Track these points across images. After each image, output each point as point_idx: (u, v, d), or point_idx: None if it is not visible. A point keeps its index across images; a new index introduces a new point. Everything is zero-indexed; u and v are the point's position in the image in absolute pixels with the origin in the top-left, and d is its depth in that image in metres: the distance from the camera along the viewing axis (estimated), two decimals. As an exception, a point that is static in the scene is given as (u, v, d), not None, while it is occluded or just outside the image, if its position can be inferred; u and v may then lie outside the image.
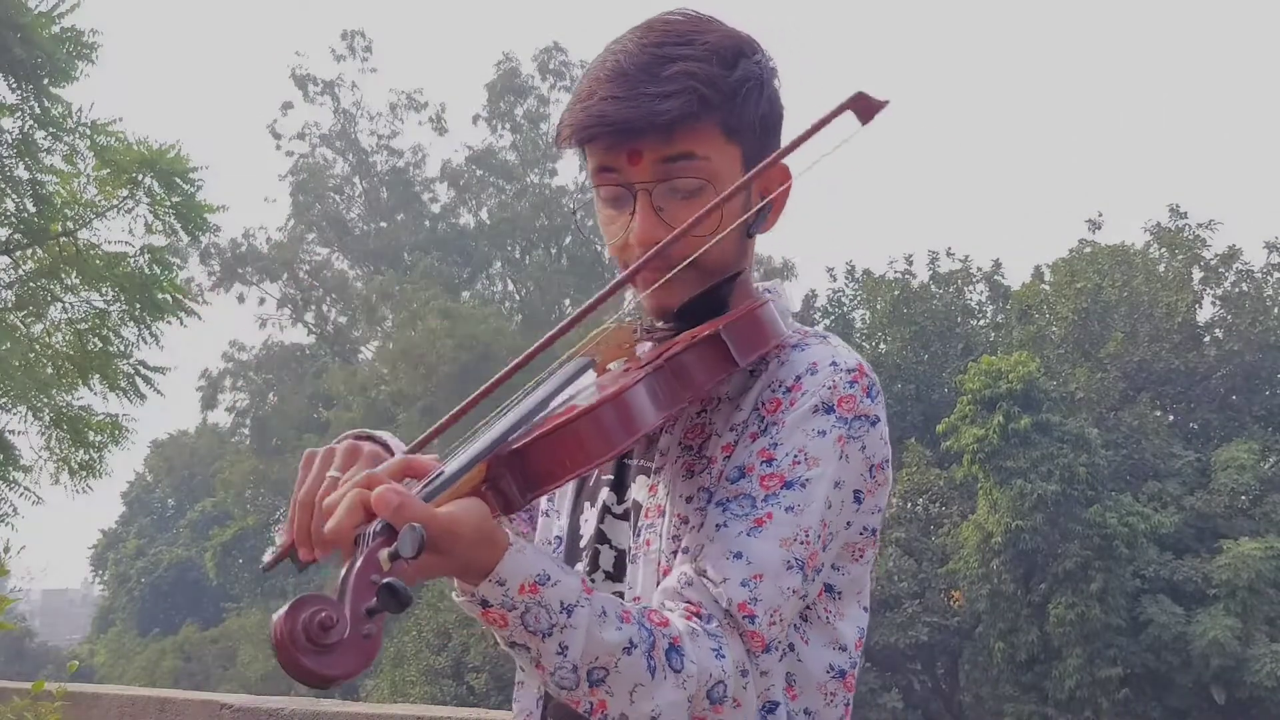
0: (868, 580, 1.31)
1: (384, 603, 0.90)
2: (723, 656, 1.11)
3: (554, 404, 1.17)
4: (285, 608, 0.89)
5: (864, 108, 1.12)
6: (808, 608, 1.25)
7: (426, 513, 1.00)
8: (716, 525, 1.19)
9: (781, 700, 1.22)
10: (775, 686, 1.22)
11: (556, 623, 1.05)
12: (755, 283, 1.39)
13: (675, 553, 1.24)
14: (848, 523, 1.24)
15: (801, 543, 1.17)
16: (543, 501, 1.49)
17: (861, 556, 1.28)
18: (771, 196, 1.30)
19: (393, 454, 1.21)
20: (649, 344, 1.29)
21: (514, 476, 1.09)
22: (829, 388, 1.22)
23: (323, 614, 0.88)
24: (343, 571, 0.94)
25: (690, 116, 1.21)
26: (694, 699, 1.10)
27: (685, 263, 1.21)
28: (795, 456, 1.20)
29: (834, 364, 1.23)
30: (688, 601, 1.16)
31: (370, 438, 1.29)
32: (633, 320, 1.32)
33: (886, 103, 1.13)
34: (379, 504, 0.99)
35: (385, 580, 0.90)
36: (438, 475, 1.08)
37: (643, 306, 1.32)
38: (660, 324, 1.32)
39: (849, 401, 1.22)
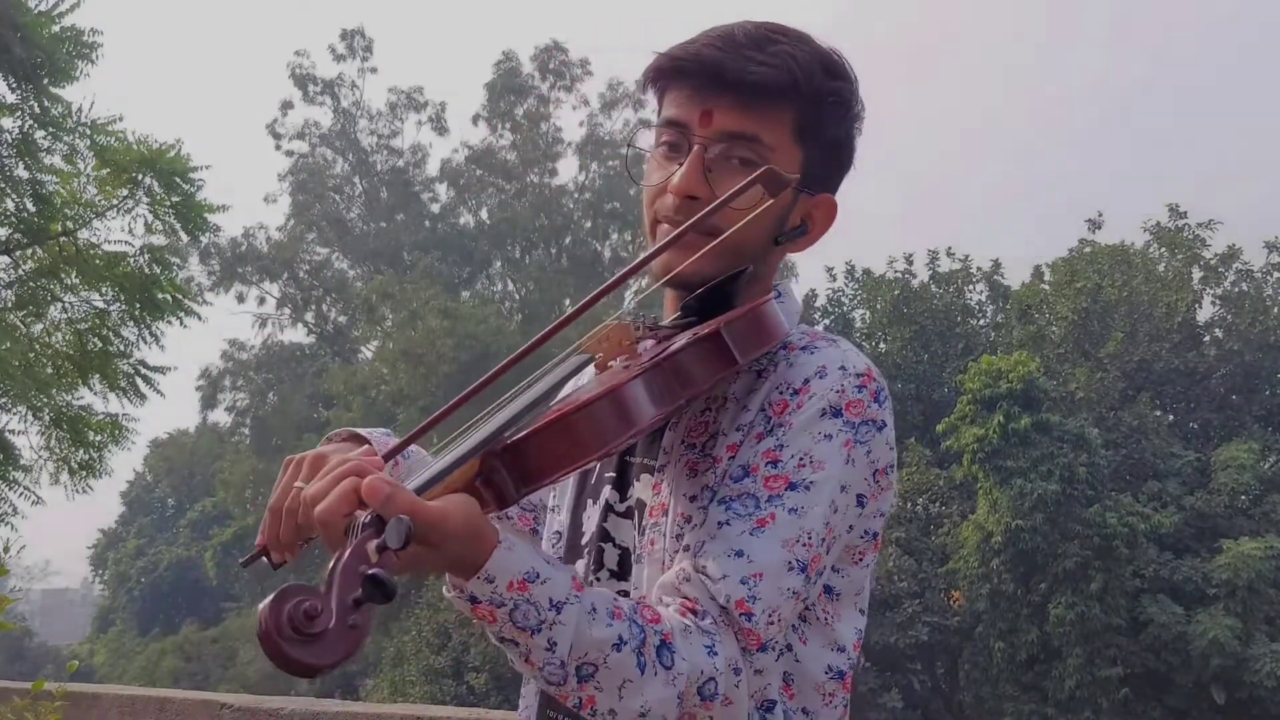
0: (867, 584, 1.32)
1: (369, 594, 0.90)
2: (715, 654, 1.12)
3: (553, 399, 1.18)
4: (270, 598, 0.89)
5: (772, 181, 1.19)
6: (807, 609, 1.25)
7: (415, 505, 1.01)
8: (718, 523, 1.19)
9: (778, 699, 1.23)
10: (772, 685, 1.22)
11: (545, 619, 1.06)
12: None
13: (679, 552, 1.24)
14: (850, 526, 1.24)
15: (804, 545, 1.17)
16: (549, 497, 1.50)
17: (862, 560, 1.28)
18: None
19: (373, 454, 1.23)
20: (650, 342, 1.29)
21: (508, 471, 1.09)
22: (837, 391, 1.22)
23: (307, 604, 0.89)
24: (331, 562, 0.95)
25: (775, 92, 1.24)
26: (684, 696, 1.10)
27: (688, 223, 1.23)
28: (801, 459, 1.20)
29: (843, 368, 1.24)
30: (684, 597, 1.16)
31: (357, 437, 1.33)
32: (635, 319, 1.32)
33: (794, 180, 1.22)
34: (369, 492, 1.01)
35: (370, 571, 0.91)
36: (429, 468, 1.09)
37: (652, 271, 1.32)
38: (664, 322, 1.33)
39: (857, 406, 1.22)
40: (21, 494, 9.13)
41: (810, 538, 1.18)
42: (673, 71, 1.29)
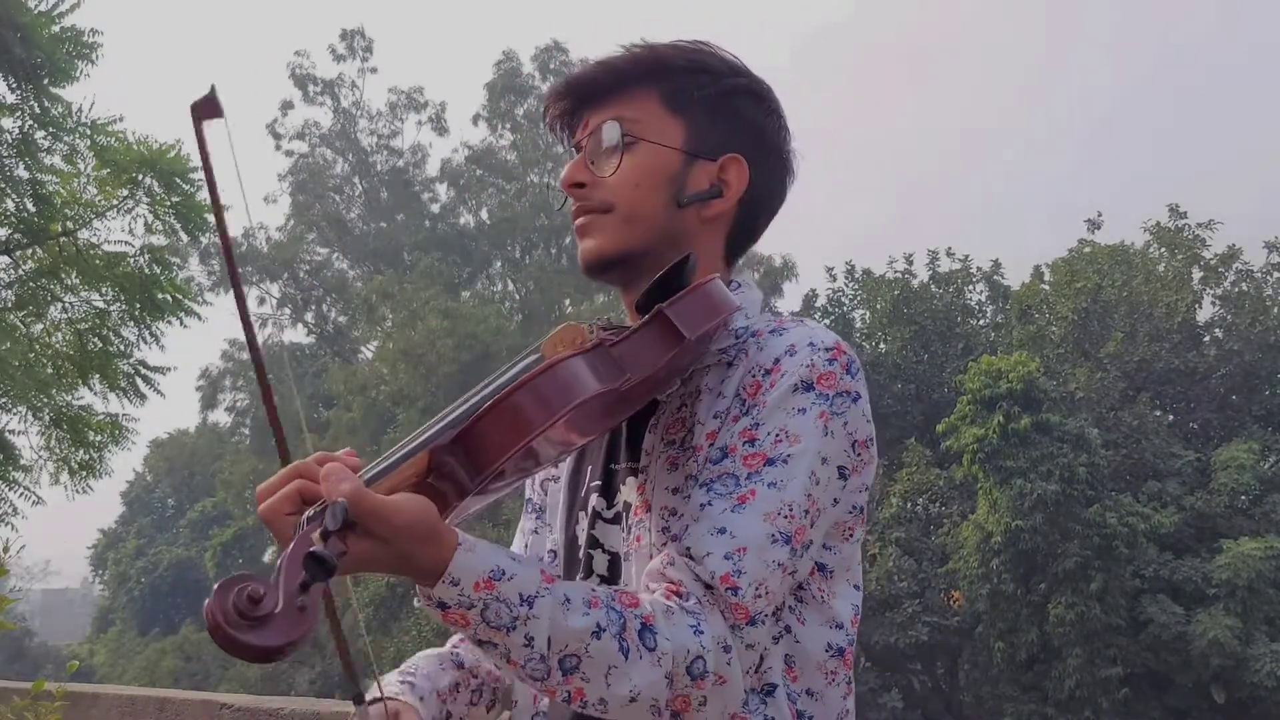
0: (858, 558, 1.33)
1: (312, 572, 0.92)
2: (701, 632, 1.11)
3: None
4: (214, 589, 0.91)
5: (205, 111, 1.22)
6: (801, 588, 1.25)
7: (357, 489, 1.01)
8: (700, 505, 1.20)
9: (780, 682, 1.22)
10: (773, 669, 1.22)
11: (519, 615, 1.05)
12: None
13: (665, 545, 1.24)
14: (835, 500, 1.24)
15: (785, 516, 1.18)
16: (530, 520, 1.51)
17: (851, 535, 1.29)
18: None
19: None
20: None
21: (459, 460, 1.09)
22: (808, 366, 1.23)
23: (249, 588, 0.90)
24: (280, 556, 0.97)
25: (627, 77, 1.35)
26: (673, 676, 1.09)
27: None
28: (777, 435, 1.21)
29: (811, 344, 1.25)
30: (669, 581, 1.16)
31: None
32: (590, 323, 1.33)
33: (206, 101, 1.23)
34: (326, 473, 1.03)
35: (311, 549, 0.93)
36: (379, 462, 1.11)
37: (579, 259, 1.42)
38: (620, 325, 1.34)
39: (829, 378, 1.24)
40: (21, 494, 9.12)
41: (792, 510, 1.18)
42: (557, 108, 1.41)
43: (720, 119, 1.36)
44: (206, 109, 1.19)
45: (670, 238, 1.33)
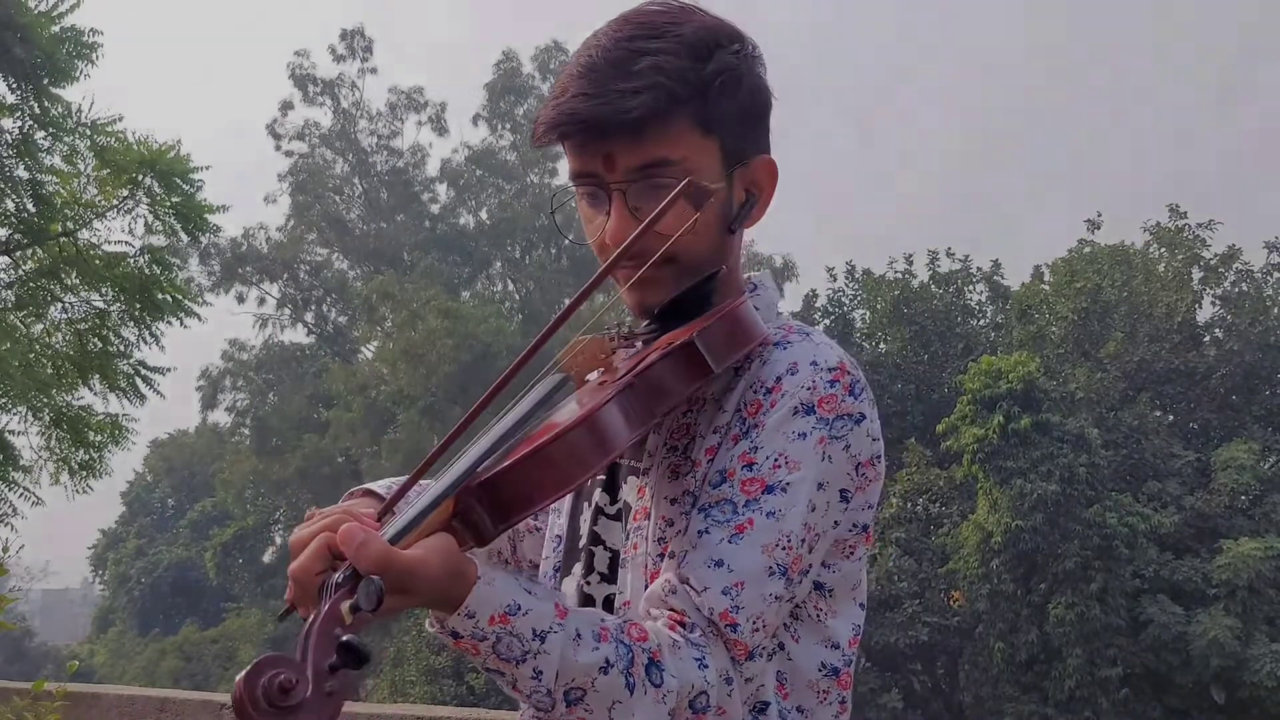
0: (863, 576, 1.30)
1: (344, 660, 0.90)
2: (705, 666, 1.11)
3: (529, 425, 1.16)
4: (245, 670, 0.88)
5: (696, 193, 1.20)
6: (797, 606, 1.24)
7: (388, 556, 0.99)
8: (699, 532, 1.18)
9: (772, 700, 1.22)
10: (766, 686, 1.21)
11: (529, 649, 1.05)
12: (744, 273, 1.38)
13: (661, 555, 1.23)
14: (835, 521, 1.22)
15: (783, 548, 1.16)
16: None
17: (853, 553, 1.27)
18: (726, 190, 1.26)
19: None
20: (626, 351, 1.28)
21: (484, 508, 1.07)
22: (808, 388, 1.20)
23: (282, 676, 0.88)
24: (305, 625, 0.94)
25: (660, 114, 1.20)
26: (675, 712, 1.09)
27: (656, 257, 1.21)
28: (775, 460, 1.18)
29: (814, 363, 1.21)
30: (671, 609, 1.15)
31: (373, 494, 1.31)
32: (609, 330, 1.31)
33: (716, 189, 1.23)
34: (343, 539, 1.00)
35: (344, 639, 0.91)
36: (405, 514, 1.07)
37: (625, 305, 1.30)
38: (638, 329, 1.31)
39: (829, 401, 1.20)
40: (21, 494, 9.14)
41: (789, 540, 1.16)
42: (555, 136, 1.25)
43: (745, 121, 1.28)
44: None
45: (717, 259, 1.28)
